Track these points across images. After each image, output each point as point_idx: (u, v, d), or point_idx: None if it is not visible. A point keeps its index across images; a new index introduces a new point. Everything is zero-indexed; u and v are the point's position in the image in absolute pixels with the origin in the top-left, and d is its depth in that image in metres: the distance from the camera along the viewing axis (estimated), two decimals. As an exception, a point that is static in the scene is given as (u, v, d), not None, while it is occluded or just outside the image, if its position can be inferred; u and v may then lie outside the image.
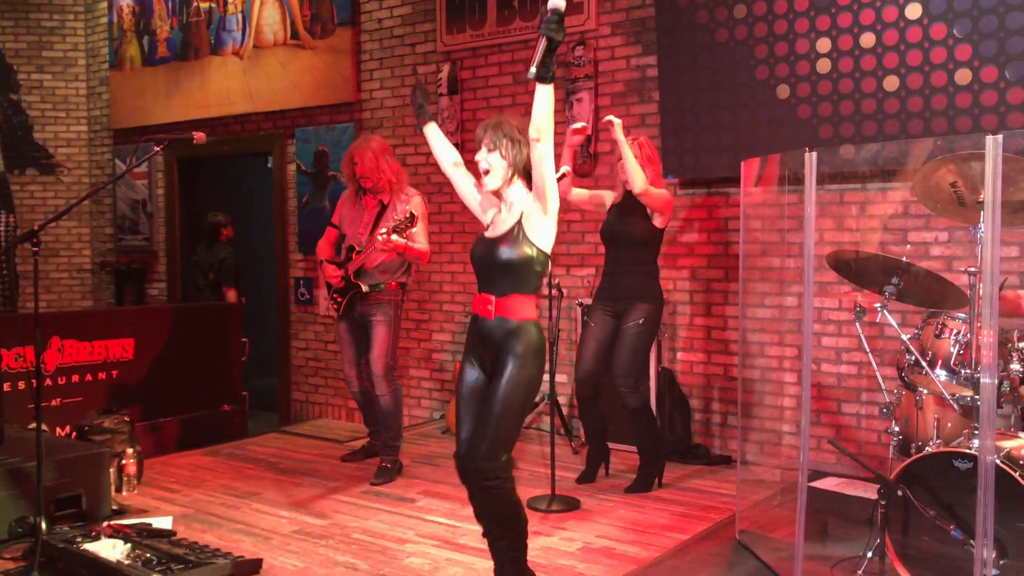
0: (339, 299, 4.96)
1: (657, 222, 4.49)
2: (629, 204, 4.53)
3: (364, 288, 4.86)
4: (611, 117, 4.41)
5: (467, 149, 6.21)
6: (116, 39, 8.23)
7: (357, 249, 4.88)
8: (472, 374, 3.13)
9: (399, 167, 5.00)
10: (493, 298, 3.03)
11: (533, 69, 2.82)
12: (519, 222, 3.03)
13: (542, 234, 3.02)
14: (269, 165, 7.46)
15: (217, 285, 7.24)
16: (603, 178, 5.56)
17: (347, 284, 4.91)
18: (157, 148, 4.00)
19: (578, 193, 4.64)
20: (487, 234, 3.15)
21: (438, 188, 6.39)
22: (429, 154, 6.35)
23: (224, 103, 7.46)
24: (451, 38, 6.22)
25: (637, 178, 4.34)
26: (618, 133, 4.37)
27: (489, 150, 3.06)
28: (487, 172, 3.08)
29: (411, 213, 4.58)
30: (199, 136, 4.00)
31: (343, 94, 6.75)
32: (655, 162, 4.54)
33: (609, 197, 4.68)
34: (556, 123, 5.70)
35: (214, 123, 7.51)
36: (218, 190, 8.19)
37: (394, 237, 4.55)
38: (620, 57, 5.59)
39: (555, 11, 2.80)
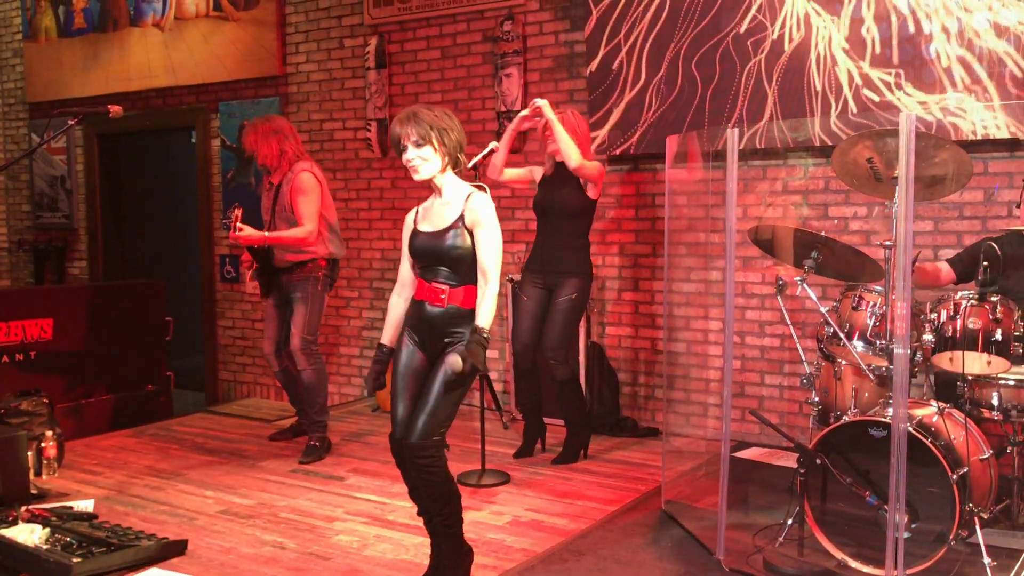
0: (257, 279, 4.98)
1: (591, 193, 4.55)
2: (561, 176, 4.57)
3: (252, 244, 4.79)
4: (538, 101, 4.46)
5: (395, 124, 6.15)
6: (29, 9, 7.93)
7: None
8: (411, 353, 3.09)
9: (287, 144, 4.86)
10: (447, 288, 3.01)
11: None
12: (461, 218, 3.00)
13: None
14: (192, 140, 7.28)
15: None
16: (532, 154, 5.56)
17: (259, 264, 4.91)
18: (72, 121, 3.89)
19: (510, 173, 4.68)
20: (423, 228, 3.08)
21: (367, 164, 6.32)
22: (357, 129, 6.32)
23: (145, 76, 7.25)
24: (378, 11, 6.14)
25: (572, 154, 4.41)
26: (548, 113, 4.42)
27: (418, 145, 2.97)
28: (420, 166, 3.00)
29: (236, 211, 4.65)
30: (115, 110, 3.90)
31: (268, 67, 6.62)
32: (583, 134, 4.57)
33: (539, 172, 4.71)
34: (485, 98, 5.68)
35: (135, 97, 7.30)
36: (140, 166, 7.97)
37: (241, 234, 4.61)
38: (548, 32, 5.58)
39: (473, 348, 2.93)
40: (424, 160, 2.98)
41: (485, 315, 2.95)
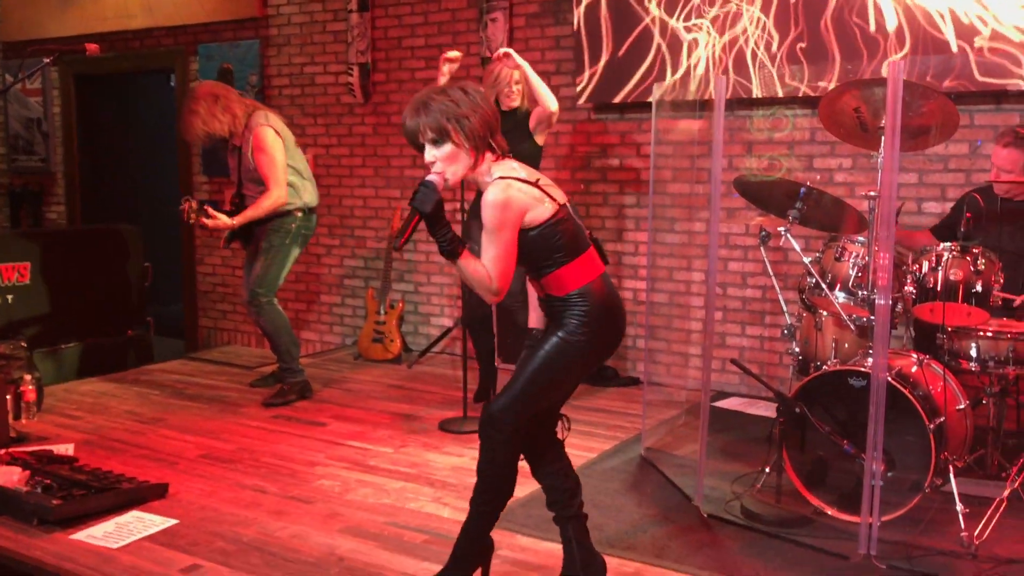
0: (238, 239, 4.95)
1: (539, 139, 4.52)
2: (509, 124, 4.53)
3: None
4: (505, 49, 4.39)
5: (379, 69, 6.08)
6: (3, -55, 7.73)
7: (235, 202, 4.85)
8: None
9: (234, 106, 4.68)
10: (536, 282, 2.65)
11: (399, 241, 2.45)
12: None
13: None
14: (171, 83, 7.16)
15: None
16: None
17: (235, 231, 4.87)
18: (47, 60, 3.81)
19: None
20: None
21: (348, 109, 6.24)
22: (339, 73, 6.22)
23: (122, 16, 7.09)
24: (361, -47, 6.02)
25: (551, 98, 4.36)
26: (518, 59, 4.37)
27: (435, 143, 2.49)
28: (446, 170, 2.50)
29: (197, 203, 4.58)
30: (92, 48, 3.82)
31: (248, 8, 6.48)
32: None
33: None
34: (470, 43, 5.61)
35: (112, 38, 7.14)
36: (118, 109, 7.84)
37: (209, 222, 4.57)
38: (535, -23, 5.50)
39: (427, 183, 2.45)
40: (447, 162, 2.49)
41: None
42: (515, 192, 2.47)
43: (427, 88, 2.59)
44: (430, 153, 2.50)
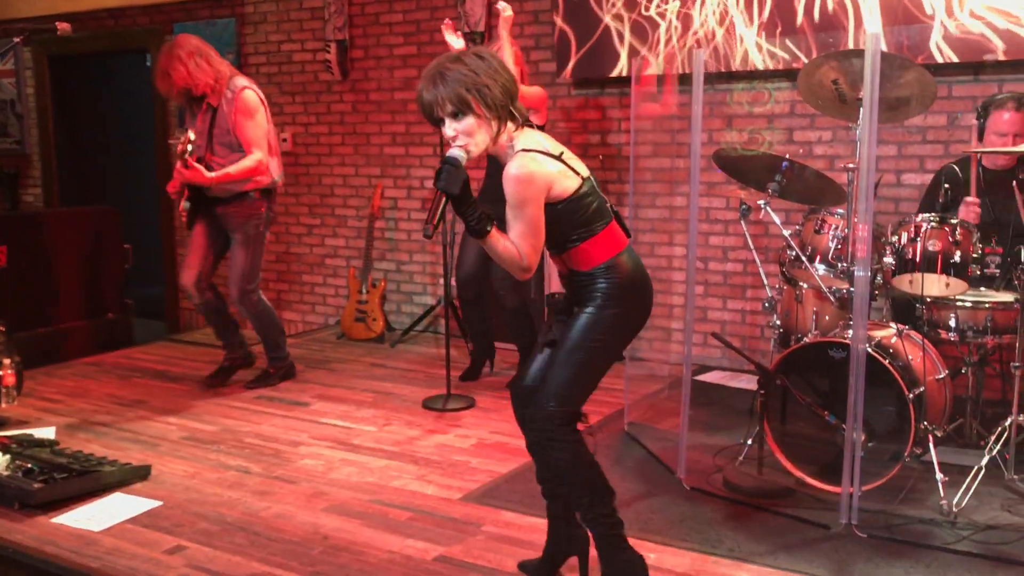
0: (185, 211, 4.65)
1: (535, 120, 4.47)
2: None
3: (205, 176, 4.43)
4: (504, 4, 4.31)
5: (357, 45, 6.02)
6: (-29, -77, 7.59)
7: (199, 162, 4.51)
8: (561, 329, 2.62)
9: (219, 63, 4.48)
10: (558, 257, 2.54)
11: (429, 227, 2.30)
12: None
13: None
14: (147, 63, 7.07)
15: None
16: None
17: (191, 193, 4.60)
18: (17, 39, 3.76)
19: None
20: None
21: (326, 87, 6.19)
22: (316, 50, 6.16)
23: (95, -5, 7.00)
24: (337, -72, 5.95)
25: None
26: (503, 27, 4.29)
27: (455, 116, 2.35)
28: (468, 144, 2.37)
29: (187, 142, 4.35)
30: (63, 27, 3.75)
31: (224, -13, 6.42)
32: (520, 62, 4.48)
33: None
34: (449, 19, 5.57)
35: (85, 17, 7.04)
36: (94, 90, 7.74)
37: (187, 171, 4.34)
38: (513, -49, 5.44)
39: (451, 160, 2.33)
40: (469, 136, 2.36)
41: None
42: (539, 166, 2.36)
43: (440, 56, 2.42)
44: (450, 127, 2.36)
